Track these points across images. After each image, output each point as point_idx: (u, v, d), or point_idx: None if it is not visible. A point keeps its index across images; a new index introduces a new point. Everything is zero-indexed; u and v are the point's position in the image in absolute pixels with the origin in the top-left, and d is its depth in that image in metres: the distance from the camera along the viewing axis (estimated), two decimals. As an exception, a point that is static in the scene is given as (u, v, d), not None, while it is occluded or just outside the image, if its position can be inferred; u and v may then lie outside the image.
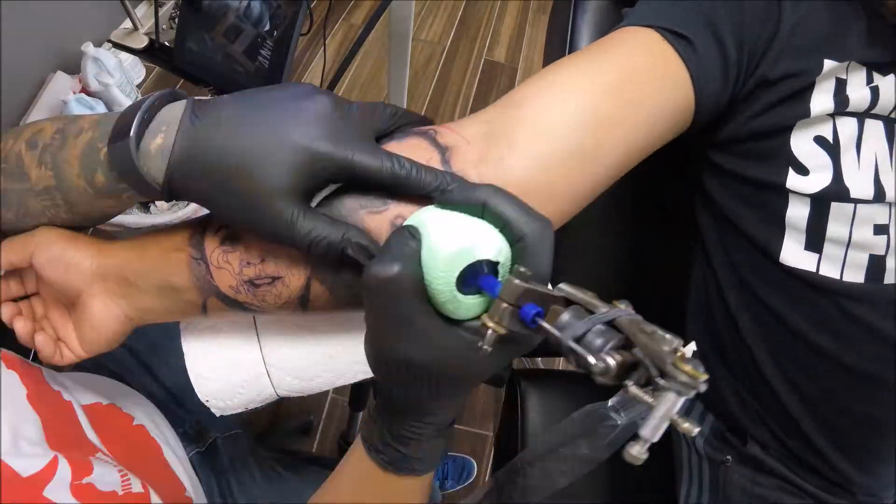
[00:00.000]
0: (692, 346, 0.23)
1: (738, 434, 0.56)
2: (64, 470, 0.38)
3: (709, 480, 0.60)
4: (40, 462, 0.37)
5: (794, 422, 0.50)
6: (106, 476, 0.41)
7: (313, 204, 0.34)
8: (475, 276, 0.28)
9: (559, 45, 0.64)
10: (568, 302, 0.27)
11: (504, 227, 0.30)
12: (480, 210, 0.30)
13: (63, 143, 0.35)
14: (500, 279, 0.29)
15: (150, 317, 0.40)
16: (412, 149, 0.37)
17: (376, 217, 0.35)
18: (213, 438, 0.64)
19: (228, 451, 0.65)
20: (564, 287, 0.27)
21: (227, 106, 0.32)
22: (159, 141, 0.32)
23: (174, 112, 0.33)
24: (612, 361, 0.23)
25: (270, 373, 0.45)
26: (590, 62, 0.41)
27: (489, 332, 0.27)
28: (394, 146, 0.37)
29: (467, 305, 0.29)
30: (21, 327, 0.39)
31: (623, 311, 0.25)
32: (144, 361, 0.64)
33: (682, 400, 0.23)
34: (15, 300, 0.41)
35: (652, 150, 0.42)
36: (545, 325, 0.26)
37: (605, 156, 0.39)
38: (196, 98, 0.34)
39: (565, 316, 0.26)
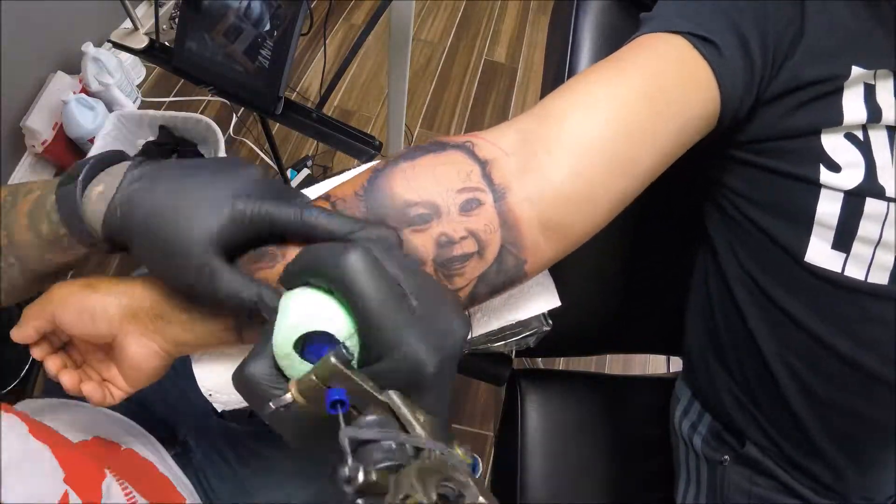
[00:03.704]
0: None
1: (736, 435, 0.56)
2: (75, 500, 0.38)
3: (707, 480, 0.60)
4: (53, 495, 0.37)
5: (796, 423, 0.50)
6: (114, 496, 0.41)
7: None
8: (312, 344, 0.28)
9: (560, 46, 0.64)
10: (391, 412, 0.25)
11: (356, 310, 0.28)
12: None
13: (14, 202, 0.36)
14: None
15: (186, 349, 0.40)
16: (451, 162, 0.37)
17: (421, 235, 0.36)
18: (184, 438, 0.64)
19: (200, 447, 0.64)
20: (393, 396, 0.26)
21: (168, 165, 0.35)
22: (100, 188, 0.34)
23: (118, 168, 0.35)
24: (361, 477, 0.21)
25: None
26: (621, 72, 0.41)
27: (287, 395, 0.26)
28: (431, 159, 0.37)
29: (298, 369, 0.29)
30: (68, 380, 0.39)
31: (437, 444, 0.24)
32: None
33: None
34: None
35: (679, 155, 0.42)
36: (339, 413, 0.24)
37: (639, 165, 0.40)
38: (141, 158, 0.37)
39: (369, 418, 0.25)
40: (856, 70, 0.42)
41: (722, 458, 0.57)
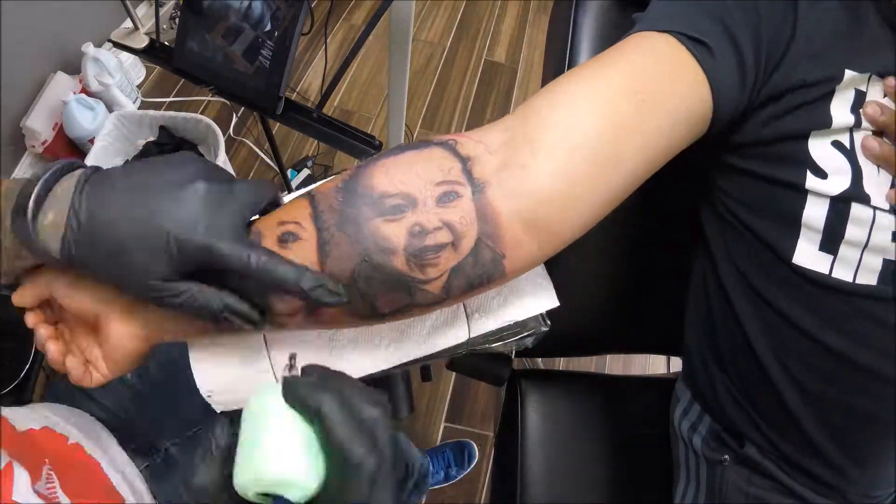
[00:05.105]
0: None
1: (735, 435, 0.56)
2: (21, 473, 0.39)
3: (706, 480, 0.60)
4: None
5: (794, 422, 0.50)
6: (43, 487, 0.42)
7: None
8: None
9: (560, 46, 0.64)
10: None
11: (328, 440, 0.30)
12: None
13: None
14: None
15: (166, 336, 0.41)
16: (432, 158, 0.37)
17: (394, 224, 0.36)
18: (166, 447, 0.64)
19: (185, 454, 0.65)
20: None
21: (113, 187, 0.34)
22: (51, 217, 0.33)
23: (66, 186, 0.34)
24: None
25: (275, 369, 0.45)
26: (605, 67, 0.41)
27: None
28: (413, 155, 0.38)
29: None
30: (53, 349, 0.40)
31: None
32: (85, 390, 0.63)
33: None
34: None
35: (670, 157, 0.42)
36: None
37: (625, 163, 0.39)
38: (87, 169, 0.35)
39: None
40: (848, 73, 0.42)
41: (721, 458, 0.57)
